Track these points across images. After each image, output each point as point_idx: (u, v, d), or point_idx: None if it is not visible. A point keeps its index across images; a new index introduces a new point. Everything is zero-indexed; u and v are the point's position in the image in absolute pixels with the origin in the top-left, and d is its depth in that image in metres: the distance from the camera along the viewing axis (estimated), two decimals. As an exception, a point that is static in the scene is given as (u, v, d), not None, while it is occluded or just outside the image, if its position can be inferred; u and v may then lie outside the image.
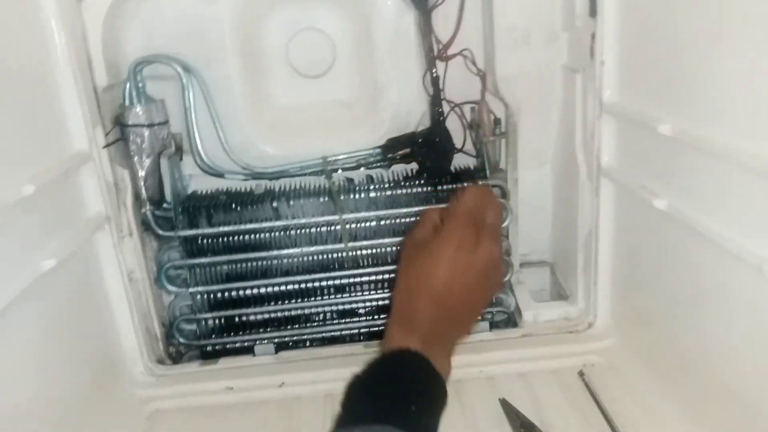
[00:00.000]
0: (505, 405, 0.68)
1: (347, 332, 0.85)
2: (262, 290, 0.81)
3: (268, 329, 0.84)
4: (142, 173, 0.76)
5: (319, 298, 0.83)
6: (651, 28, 0.62)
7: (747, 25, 0.49)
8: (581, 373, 0.73)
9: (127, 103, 0.74)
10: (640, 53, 0.65)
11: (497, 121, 0.82)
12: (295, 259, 0.81)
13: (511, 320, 0.85)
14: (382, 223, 0.81)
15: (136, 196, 0.76)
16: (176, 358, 0.84)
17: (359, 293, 0.84)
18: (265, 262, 0.81)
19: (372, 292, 0.84)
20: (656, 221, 0.65)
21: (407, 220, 0.81)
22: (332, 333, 0.84)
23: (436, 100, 0.80)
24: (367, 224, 0.81)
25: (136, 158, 0.76)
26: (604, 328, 0.80)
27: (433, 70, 0.78)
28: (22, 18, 0.62)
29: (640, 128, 0.66)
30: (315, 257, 0.81)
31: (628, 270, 0.75)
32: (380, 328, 0.85)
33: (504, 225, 0.82)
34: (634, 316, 0.75)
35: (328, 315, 0.84)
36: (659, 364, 0.69)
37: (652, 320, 0.71)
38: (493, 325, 0.85)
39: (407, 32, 0.80)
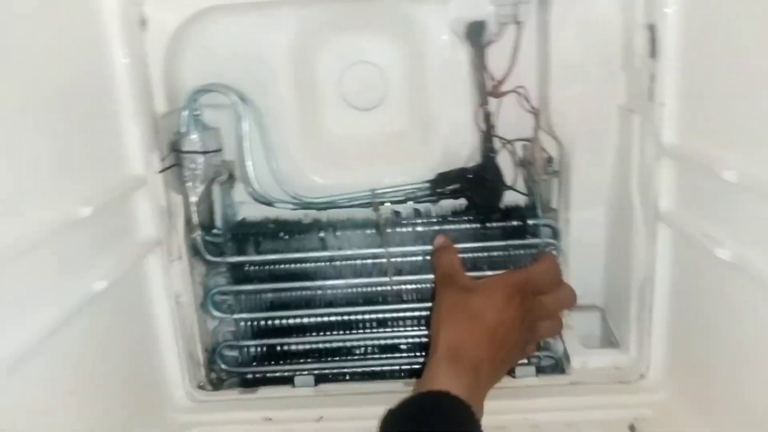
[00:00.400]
0: (551, 456, 0.65)
1: (388, 368, 0.83)
2: (305, 320, 0.81)
3: (309, 360, 0.83)
4: (194, 199, 0.77)
5: (361, 331, 0.82)
6: (714, 70, 0.60)
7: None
8: (632, 428, 0.70)
9: (183, 129, 0.76)
10: (703, 95, 0.63)
11: (550, 159, 0.80)
12: (339, 291, 0.81)
13: (559, 366, 0.82)
14: (428, 258, 0.80)
15: (188, 221, 0.78)
16: (216, 385, 0.83)
17: (402, 329, 0.82)
18: (309, 292, 0.81)
19: (415, 329, 0.82)
20: (718, 270, 0.62)
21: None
22: (373, 368, 0.83)
23: (487, 135, 0.79)
24: (413, 259, 0.80)
25: (189, 184, 0.77)
26: (658, 379, 0.76)
27: (486, 106, 0.78)
28: (87, 40, 0.64)
29: (701, 173, 0.63)
30: (359, 290, 0.81)
31: (686, 320, 0.71)
32: (422, 365, 0.83)
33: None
34: (690, 368, 0.71)
35: (370, 349, 0.83)
36: (717, 421, 0.65)
37: (710, 374, 0.67)
38: (540, 371, 0.81)
39: (460, 67, 0.79)
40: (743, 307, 0.59)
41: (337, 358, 0.83)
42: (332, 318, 0.81)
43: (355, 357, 0.83)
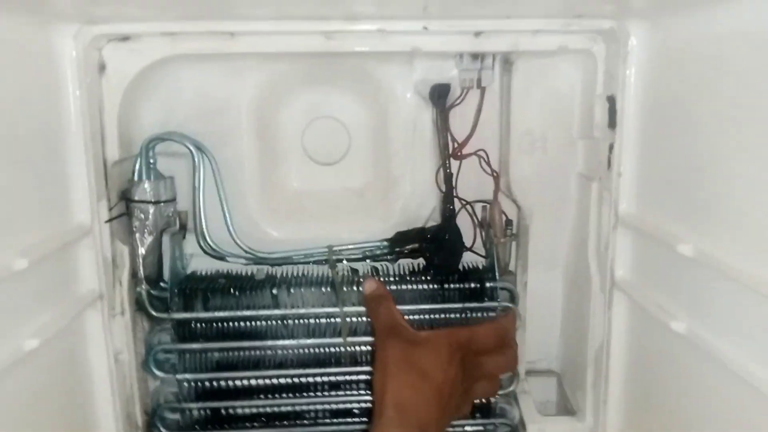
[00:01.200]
0: None
1: (340, 433, 0.80)
2: (253, 382, 0.77)
3: (256, 425, 0.79)
4: (142, 250, 0.74)
5: (313, 394, 0.78)
6: (672, 144, 0.62)
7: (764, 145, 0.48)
8: (587, 501, 0.68)
9: (135, 178, 0.73)
10: (660, 168, 0.64)
11: (509, 223, 0.80)
12: (291, 351, 0.77)
13: (515, 433, 0.80)
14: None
15: (133, 273, 0.74)
16: (157, 450, 0.78)
17: (355, 392, 0.79)
18: (258, 352, 0.77)
19: (369, 392, 0.79)
20: (673, 343, 0.62)
21: (411, 317, 0.78)
22: (324, 433, 0.79)
23: (448, 196, 0.78)
24: (369, 319, 0.78)
25: (137, 235, 0.74)
26: (614, 450, 0.75)
27: (447, 167, 0.78)
28: (41, 82, 0.62)
29: (657, 244, 0.64)
30: (311, 350, 0.77)
31: (642, 389, 0.70)
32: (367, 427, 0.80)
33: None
34: (646, 439, 0.70)
35: (321, 414, 0.79)
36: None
37: (666, 447, 0.66)
38: (495, 439, 0.80)
39: (424, 128, 0.80)
40: (696, 381, 0.59)
41: (286, 423, 0.78)
42: (282, 380, 0.77)
43: (306, 422, 0.79)
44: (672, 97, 0.61)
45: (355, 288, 0.77)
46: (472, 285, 0.78)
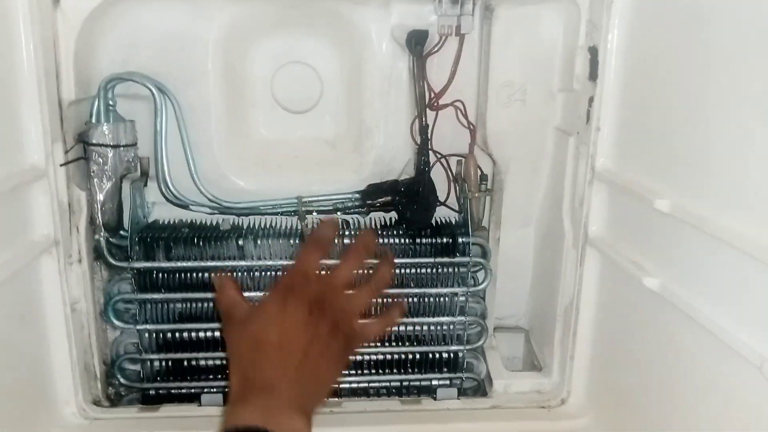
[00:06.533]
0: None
1: (305, 387, 0.78)
2: (216, 334, 0.75)
3: (219, 377, 0.77)
4: (100, 197, 0.70)
5: (279, 347, 0.77)
6: (653, 98, 0.60)
7: (746, 101, 0.47)
8: (552, 455, 0.68)
9: (93, 120, 0.69)
10: (640, 123, 0.63)
11: (483, 177, 0.79)
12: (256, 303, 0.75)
13: (481, 388, 0.80)
14: (354, 272, 0.76)
15: (91, 220, 0.71)
16: (114, 401, 0.76)
17: (322, 346, 0.78)
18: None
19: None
20: (645, 299, 0.61)
21: (381, 271, 0.76)
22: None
23: (422, 149, 0.76)
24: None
25: (95, 180, 0.70)
26: (578, 406, 0.75)
27: (423, 118, 0.75)
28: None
29: (634, 200, 0.63)
30: (278, 303, 0.76)
31: (609, 346, 0.71)
32: (340, 386, 0.79)
33: (483, 285, 0.77)
34: (612, 396, 0.71)
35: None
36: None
37: (631, 403, 0.66)
38: (462, 392, 0.79)
39: (400, 76, 0.77)
40: (668, 338, 0.59)
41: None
42: (248, 332, 0.75)
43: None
44: (654, 49, 0.59)
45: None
46: (445, 240, 0.77)
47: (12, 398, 0.62)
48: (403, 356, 0.79)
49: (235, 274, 0.74)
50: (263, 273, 0.74)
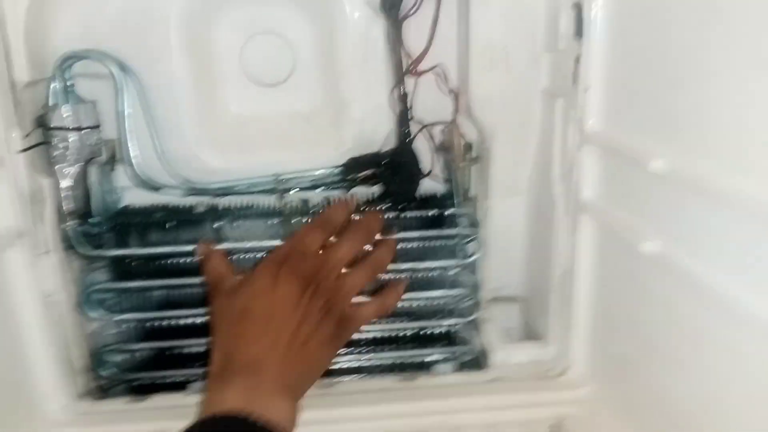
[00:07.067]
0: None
1: (294, 370, 0.76)
2: (199, 320, 0.72)
3: (204, 363, 0.74)
4: (65, 183, 0.67)
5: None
6: (643, 54, 0.56)
7: (746, 53, 0.43)
8: (553, 427, 0.66)
9: (51, 102, 0.65)
10: (630, 80, 0.59)
11: (469, 146, 0.75)
12: (239, 288, 0.72)
13: (479, 361, 0.78)
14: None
15: (58, 208, 0.67)
16: (100, 394, 0.74)
17: (309, 328, 0.75)
18: (203, 289, 0.72)
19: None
20: (643, 265, 0.59)
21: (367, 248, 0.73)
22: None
23: (403, 118, 0.72)
24: (322, 252, 0.73)
25: (59, 166, 0.66)
26: (580, 375, 0.73)
27: (402, 87, 0.71)
28: None
29: (627, 162, 0.60)
30: (261, 286, 0.73)
31: (609, 314, 0.68)
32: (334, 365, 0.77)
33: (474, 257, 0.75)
34: (614, 365, 0.68)
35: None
36: (641, 419, 0.62)
37: (635, 371, 0.64)
38: (458, 367, 0.77)
39: (376, 43, 0.72)
40: (669, 303, 0.56)
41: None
42: (231, 318, 0.73)
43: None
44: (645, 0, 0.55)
45: (305, 219, 0.72)
46: (431, 213, 0.74)
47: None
48: (396, 333, 0.77)
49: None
50: (242, 256, 0.71)
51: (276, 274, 0.50)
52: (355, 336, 0.76)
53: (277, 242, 0.71)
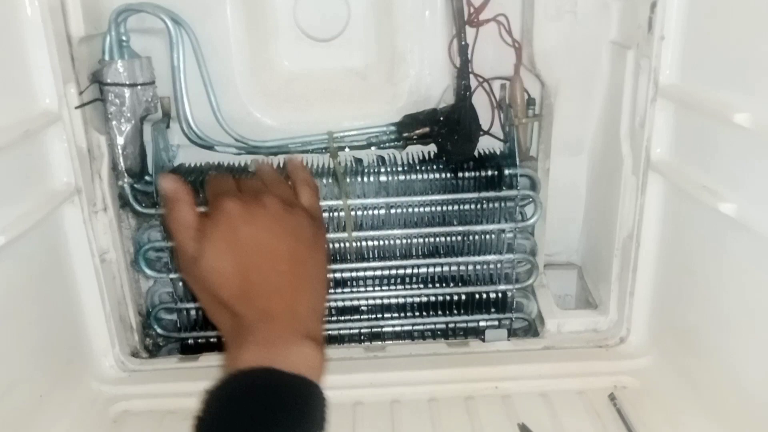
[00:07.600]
0: (525, 432, 0.59)
1: (346, 332, 0.76)
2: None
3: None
4: (120, 140, 0.66)
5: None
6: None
7: None
8: (612, 397, 0.64)
9: (106, 57, 0.65)
10: (712, 28, 0.55)
11: (531, 102, 0.72)
12: (292, 247, 0.72)
13: (532, 329, 0.76)
14: (393, 211, 0.71)
15: (114, 166, 0.67)
16: (152, 352, 0.75)
17: (362, 289, 0.74)
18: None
19: (377, 289, 0.74)
20: (718, 228, 0.55)
21: (421, 209, 0.71)
22: (329, 332, 0.75)
23: (462, 72, 0.69)
24: (376, 212, 0.71)
25: (114, 122, 0.66)
26: (640, 344, 0.70)
27: (462, 37, 0.68)
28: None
29: (705, 117, 0.56)
30: (314, 246, 0.72)
31: (675, 280, 0.65)
32: (384, 329, 0.76)
33: (532, 220, 0.72)
34: (677, 333, 0.65)
35: (327, 311, 0.75)
36: (704, 391, 0.60)
37: (700, 342, 0.61)
38: (511, 333, 0.75)
39: (433, -8, 0.69)
40: (746, 269, 0.53)
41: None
42: (284, 277, 0.72)
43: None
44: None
45: (359, 178, 0.70)
46: (489, 173, 0.72)
47: (47, 354, 0.60)
48: (448, 297, 0.75)
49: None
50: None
51: (230, 223, 0.46)
52: (406, 300, 0.75)
53: (330, 202, 0.70)
